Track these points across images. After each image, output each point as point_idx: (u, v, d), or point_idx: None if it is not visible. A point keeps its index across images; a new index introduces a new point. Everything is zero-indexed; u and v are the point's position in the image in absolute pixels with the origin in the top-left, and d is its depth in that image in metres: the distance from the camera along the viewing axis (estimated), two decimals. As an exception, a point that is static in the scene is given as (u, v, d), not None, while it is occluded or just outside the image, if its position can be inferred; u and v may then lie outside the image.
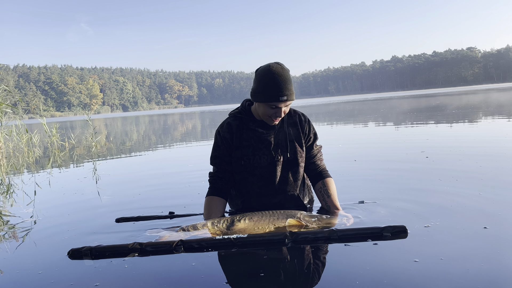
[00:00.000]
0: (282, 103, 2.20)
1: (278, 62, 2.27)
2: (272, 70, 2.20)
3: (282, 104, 2.20)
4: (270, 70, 2.21)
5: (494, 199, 2.48)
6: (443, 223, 2.08)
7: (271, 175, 2.33)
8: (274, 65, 2.23)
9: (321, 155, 2.52)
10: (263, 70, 2.23)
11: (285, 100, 2.18)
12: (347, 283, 1.52)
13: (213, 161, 2.46)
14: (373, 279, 1.52)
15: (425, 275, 1.52)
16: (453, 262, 1.61)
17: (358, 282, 1.50)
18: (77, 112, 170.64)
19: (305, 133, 2.43)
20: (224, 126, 2.42)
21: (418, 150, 4.83)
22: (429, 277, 1.50)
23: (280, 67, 2.23)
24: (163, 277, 1.66)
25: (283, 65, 2.27)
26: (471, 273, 1.51)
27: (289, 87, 2.20)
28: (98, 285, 1.62)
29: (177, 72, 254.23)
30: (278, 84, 2.17)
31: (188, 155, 6.67)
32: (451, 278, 1.48)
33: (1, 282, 1.73)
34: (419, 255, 1.70)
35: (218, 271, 1.70)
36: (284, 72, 2.21)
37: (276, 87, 2.17)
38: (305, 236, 1.92)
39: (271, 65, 2.23)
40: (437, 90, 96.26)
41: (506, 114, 9.85)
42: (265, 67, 2.24)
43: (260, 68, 2.28)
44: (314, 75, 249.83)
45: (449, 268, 1.56)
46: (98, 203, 3.24)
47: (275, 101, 2.18)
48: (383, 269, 1.60)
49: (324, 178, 2.42)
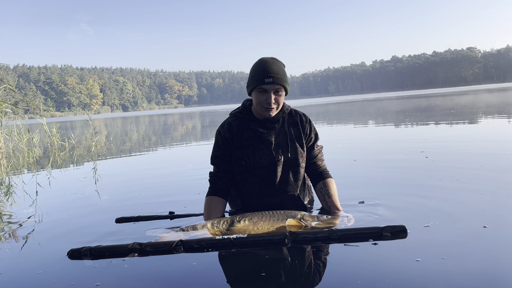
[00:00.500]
0: (270, 86, 2.21)
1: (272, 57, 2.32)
2: (261, 59, 2.29)
3: (269, 87, 2.21)
4: (259, 59, 2.30)
5: (494, 199, 2.47)
6: (443, 223, 2.08)
7: (271, 175, 2.33)
8: (264, 57, 2.31)
9: (322, 155, 2.51)
10: (254, 63, 2.32)
11: (271, 82, 2.19)
12: (347, 283, 1.52)
13: (214, 161, 2.46)
14: (373, 279, 1.52)
15: (426, 274, 1.52)
16: (453, 262, 1.61)
17: (360, 282, 1.50)
18: (77, 112, 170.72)
19: (306, 133, 2.43)
20: (225, 126, 2.42)
21: (417, 150, 4.83)
22: (429, 277, 1.50)
23: (271, 57, 2.30)
24: (163, 277, 1.65)
25: (276, 58, 2.31)
26: (472, 272, 1.51)
27: (277, 71, 2.22)
28: (98, 285, 1.62)
29: (177, 72, 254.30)
30: (264, 67, 2.22)
31: (188, 155, 6.67)
32: (451, 277, 1.48)
33: (1, 282, 1.73)
34: (419, 255, 1.70)
35: (218, 271, 1.70)
36: (273, 60, 2.27)
37: (262, 70, 2.22)
38: (304, 236, 1.92)
39: (262, 57, 2.32)
40: (437, 90, 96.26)
41: (504, 113, 9.84)
42: (257, 60, 2.32)
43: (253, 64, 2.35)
44: (314, 75, 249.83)
45: (450, 268, 1.56)
46: (98, 203, 3.24)
47: (262, 83, 2.20)
48: (383, 269, 1.60)
49: (325, 179, 2.42)
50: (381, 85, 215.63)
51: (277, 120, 2.38)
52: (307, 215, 2.13)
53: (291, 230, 1.98)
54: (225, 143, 2.39)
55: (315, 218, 2.12)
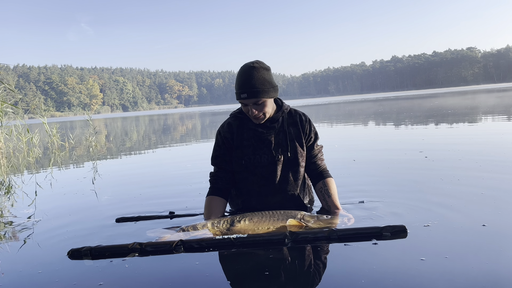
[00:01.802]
0: (246, 101, 2.18)
1: (255, 61, 2.24)
2: (241, 69, 2.22)
3: (246, 101, 2.19)
4: (240, 69, 2.23)
5: (494, 199, 2.48)
6: (443, 223, 2.08)
7: (271, 174, 2.33)
8: (246, 64, 2.23)
9: (322, 155, 2.52)
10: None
11: (246, 97, 2.16)
12: (348, 283, 1.52)
13: (214, 161, 2.47)
14: (374, 279, 1.52)
15: (426, 274, 1.52)
16: (453, 261, 1.61)
17: (364, 281, 1.50)
18: (77, 112, 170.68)
19: (306, 132, 2.43)
20: (225, 126, 2.43)
21: (416, 150, 4.84)
22: (429, 276, 1.50)
23: (251, 65, 2.20)
24: (164, 277, 1.66)
25: (258, 63, 2.22)
26: (473, 272, 1.52)
27: (253, 84, 2.14)
28: (99, 285, 1.62)
29: (177, 72, 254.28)
30: (240, 81, 2.18)
31: (188, 155, 6.67)
32: (452, 277, 1.48)
33: (1, 282, 1.73)
34: (419, 255, 1.70)
35: (219, 271, 1.70)
36: (252, 70, 2.17)
37: (238, 85, 2.19)
38: (305, 236, 1.92)
39: (244, 64, 2.24)
40: (437, 90, 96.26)
41: (501, 113, 9.85)
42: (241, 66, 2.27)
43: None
44: (314, 75, 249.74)
45: (451, 268, 1.56)
46: (98, 203, 3.24)
47: (238, 98, 2.20)
48: (383, 269, 1.60)
49: (325, 178, 2.42)
50: (381, 85, 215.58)
51: (277, 120, 2.38)
52: (308, 215, 2.13)
53: (292, 230, 1.98)
54: (225, 143, 2.40)
55: (315, 218, 2.12)
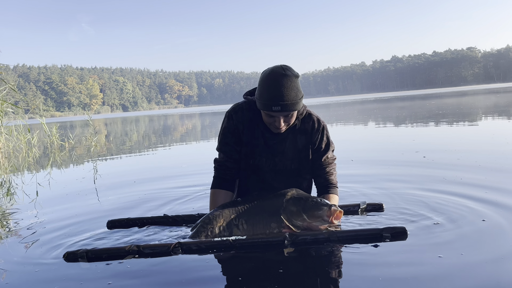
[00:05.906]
0: (278, 114, 1.97)
1: (284, 66, 2.00)
2: (270, 75, 1.96)
3: (277, 114, 1.97)
4: (269, 75, 1.97)
5: (494, 198, 2.47)
6: (443, 222, 2.07)
7: (272, 181, 2.21)
8: (275, 69, 1.97)
9: (332, 168, 2.25)
10: (264, 74, 2.01)
11: (279, 110, 1.94)
12: (348, 283, 1.51)
13: (223, 148, 2.22)
14: (374, 279, 1.51)
15: (426, 274, 1.52)
16: (454, 261, 1.61)
17: (363, 283, 1.49)
18: (77, 112, 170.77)
19: (314, 142, 2.19)
20: (239, 113, 2.18)
21: (413, 150, 4.85)
22: (430, 276, 1.50)
23: (282, 72, 1.95)
24: (161, 280, 1.65)
25: (289, 70, 1.98)
26: (474, 272, 1.52)
27: (288, 96, 1.93)
28: (99, 286, 1.61)
29: (177, 72, 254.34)
30: (273, 92, 1.93)
31: (189, 154, 6.66)
32: (452, 277, 1.48)
33: (1, 282, 1.72)
34: (419, 254, 1.70)
35: (218, 272, 1.70)
36: (284, 79, 1.94)
37: (270, 95, 1.93)
38: (304, 238, 1.90)
39: (273, 69, 1.98)
40: (436, 90, 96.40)
41: (499, 114, 9.84)
42: (267, 71, 2.01)
43: (263, 71, 2.04)
44: (314, 75, 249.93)
45: (452, 267, 1.55)
46: (98, 204, 3.23)
47: (268, 110, 1.95)
48: (384, 269, 1.59)
49: (328, 194, 2.20)
50: (381, 85, 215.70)
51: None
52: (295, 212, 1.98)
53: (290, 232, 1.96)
54: (235, 133, 2.18)
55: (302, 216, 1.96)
